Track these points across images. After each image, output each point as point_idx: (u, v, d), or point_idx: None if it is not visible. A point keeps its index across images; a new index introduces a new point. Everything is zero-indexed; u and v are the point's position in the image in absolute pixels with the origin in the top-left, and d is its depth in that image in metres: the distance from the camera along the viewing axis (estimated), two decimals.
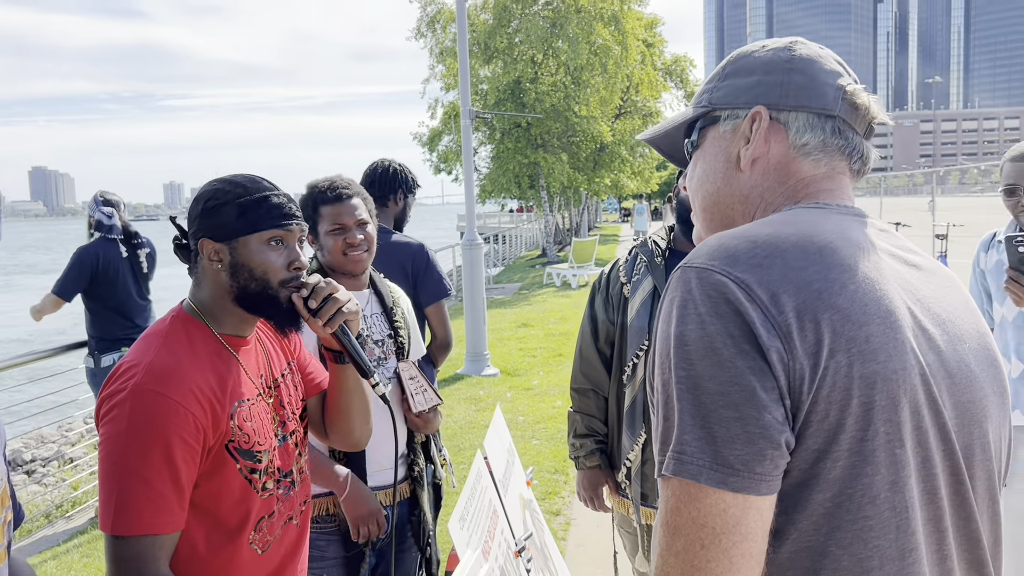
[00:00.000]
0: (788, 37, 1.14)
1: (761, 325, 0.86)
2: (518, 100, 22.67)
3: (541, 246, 30.13)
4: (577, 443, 2.65)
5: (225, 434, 1.52)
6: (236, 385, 1.57)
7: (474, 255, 9.13)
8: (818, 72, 1.07)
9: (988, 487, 1.00)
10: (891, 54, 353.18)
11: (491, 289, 18.25)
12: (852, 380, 0.86)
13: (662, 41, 29.01)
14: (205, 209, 1.58)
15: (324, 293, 1.61)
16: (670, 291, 0.94)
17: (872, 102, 1.07)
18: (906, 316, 0.92)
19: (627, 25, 22.20)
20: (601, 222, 55.44)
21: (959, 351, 0.98)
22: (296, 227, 1.61)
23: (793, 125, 1.06)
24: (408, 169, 3.46)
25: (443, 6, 22.42)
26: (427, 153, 25.38)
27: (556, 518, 4.68)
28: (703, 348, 0.86)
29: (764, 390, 0.84)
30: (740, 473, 0.84)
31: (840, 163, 1.08)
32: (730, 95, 1.11)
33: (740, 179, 1.10)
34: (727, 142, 1.11)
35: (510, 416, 6.82)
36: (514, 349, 10.19)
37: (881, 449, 0.87)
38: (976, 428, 0.97)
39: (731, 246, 0.92)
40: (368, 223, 2.42)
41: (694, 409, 0.86)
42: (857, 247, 0.95)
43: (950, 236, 14.45)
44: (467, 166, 9.83)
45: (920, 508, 0.91)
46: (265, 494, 1.61)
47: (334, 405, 1.82)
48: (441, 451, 2.73)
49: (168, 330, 1.56)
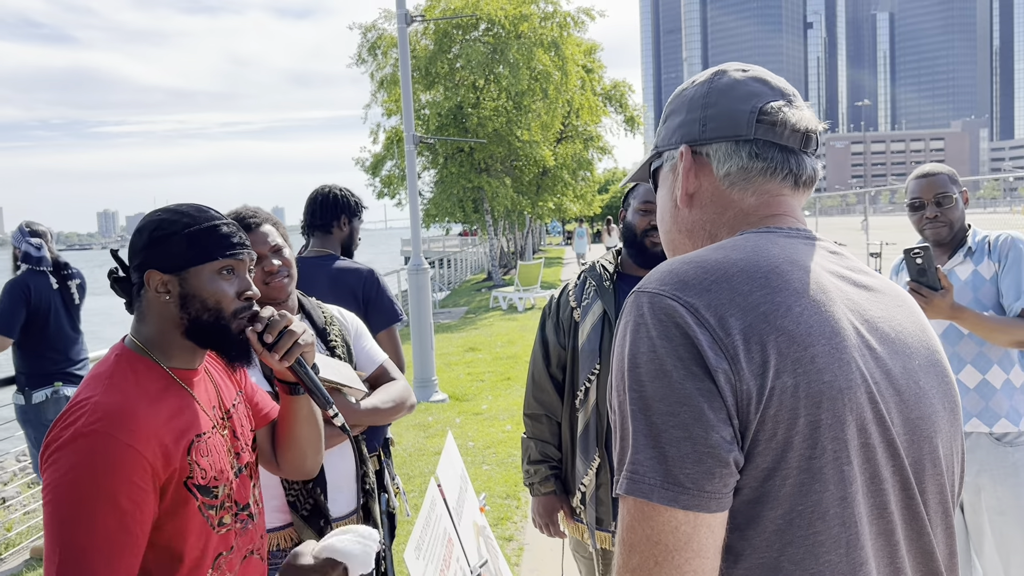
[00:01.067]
0: (718, 66, 1.16)
1: (709, 347, 0.88)
2: (461, 125, 22.75)
3: (487, 270, 30.15)
4: (531, 469, 2.63)
5: (182, 471, 1.46)
6: (191, 420, 1.51)
7: (420, 280, 9.09)
8: (731, 100, 1.09)
9: (941, 500, 1.02)
10: (821, 79, 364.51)
11: (437, 314, 18.17)
12: (798, 399, 0.88)
13: (601, 67, 29.44)
14: (152, 240, 1.53)
15: (279, 326, 1.58)
16: (624, 315, 0.96)
17: (793, 114, 1.08)
18: (852, 336, 0.95)
19: (567, 51, 22.49)
20: (545, 245, 55.77)
21: (908, 368, 1.00)
22: (246, 256, 1.58)
23: (715, 157, 1.09)
24: (351, 192, 3.40)
25: (384, 32, 22.43)
26: (370, 178, 25.26)
27: (509, 544, 4.64)
28: (654, 370, 0.89)
29: (712, 410, 0.87)
30: (690, 491, 0.86)
31: (771, 185, 1.09)
32: (667, 136, 1.16)
33: (683, 216, 1.14)
34: (671, 182, 1.16)
35: (460, 442, 6.77)
36: (462, 374, 10.14)
37: (829, 466, 0.89)
38: (926, 443, 0.99)
39: (681, 271, 0.95)
40: (282, 248, 2.36)
41: (646, 429, 0.88)
42: (803, 270, 0.97)
43: (883, 254, 14.90)
44: (411, 191, 9.80)
45: (870, 523, 0.93)
46: (222, 529, 1.55)
47: (286, 435, 1.78)
48: (394, 479, 2.69)
49: (113, 369, 1.50)
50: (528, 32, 21.37)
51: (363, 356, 2.53)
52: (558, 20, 22.56)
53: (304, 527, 2.25)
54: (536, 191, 25.53)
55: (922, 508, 0.98)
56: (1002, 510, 2.61)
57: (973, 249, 2.72)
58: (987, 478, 2.63)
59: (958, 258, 2.73)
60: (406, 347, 11.06)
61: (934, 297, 2.54)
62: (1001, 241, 2.67)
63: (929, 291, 2.55)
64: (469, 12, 20.96)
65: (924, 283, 2.58)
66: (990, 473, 2.63)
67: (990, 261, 2.68)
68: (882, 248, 14.92)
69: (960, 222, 2.75)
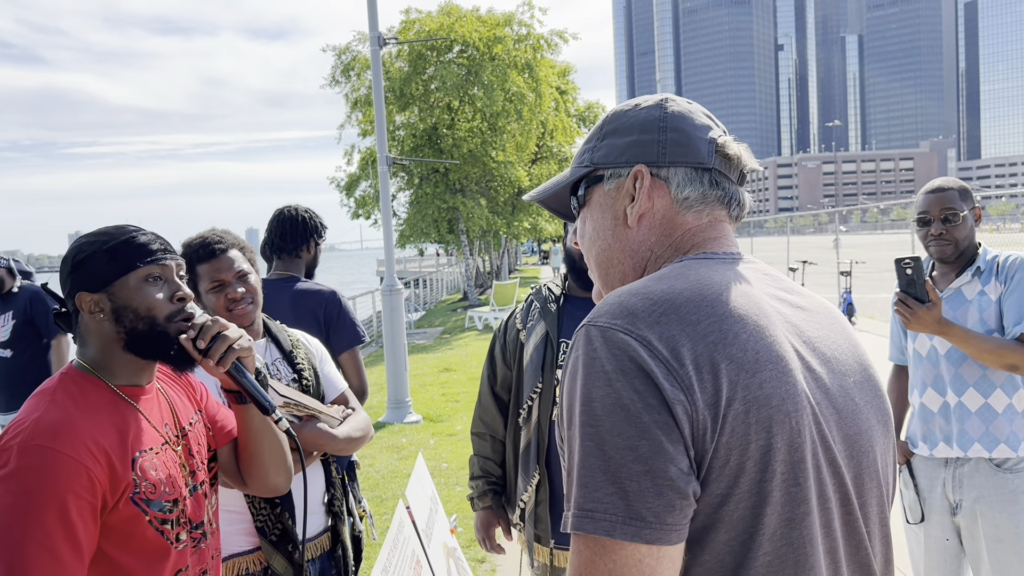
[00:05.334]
0: (659, 95, 1.20)
1: (665, 380, 0.89)
2: (435, 146, 22.81)
3: (462, 290, 30.14)
4: (472, 484, 2.72)
5: (128, 485, 1.45)
6: (136, 435, 1.51)
7: (394, 300, 9.07)
8: (691, 128, 1.12)
9: (879, 511, 1.05)
10: (793, 99, 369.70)
11: (413, 334, 18.13)
12: (749, 426, 0.89)
13: (575, 88, 29.69)
14: (75, 264, 1.55)
15: (212, 332, 1.57)
16: (574, 349, 0.96)
17: (742, 151, 1.13)
18: (795, 359, 0.97)
19: (540, 73, 22.65)
20: (521, 264, 55.85)
21: (844, 385, 1.03)
22: (171, 261, 1.59)
23: (674, 180, 1.11)
24: (314, 213, 3.40)
25: (358, 54, 22.48)
26: (345, 198, 25.24)
27: (482, 565, 4.63)
28: (610, 405, 0.89)
29: (671, 443, 0.87)
30: (653, 525, 0.86)
31: (720, 212, 1.13)
32: (611, 154, 1.15)
33: (629, 235, 1.14)
34: (613, 200, 1.15)
35: (433, 463, 6.75)
36: (437, 395, 10.11)
37: (778, 489, 0.91)
38: (864, 458, 1.02)
39: (630, 304, 0.95)
40: (248, 274, 2.35)
41: (603, 465, 0.88)
42: (745, 295, 0.99)
43: (853, 272, 15.10)
44: (385, 212, 9.80)
45: (820, 542, 0.95)
46: (180, 545, 1.55)
47: (244, 449, 1.78)
48: (360, 502, 2.69)
49: (56, 387, 1.51)
50: (502, 54, 21.51)
51: (326, 382, 2.55)
52: (531, 43, 22.74)
53: (273, 552, 2.24)
54: (511, 211, 25.60)
55: (862, 523, 1.01)
56: (1000, 538, 2.56)
57: (982, 269, 2.65)
58: (986, 505, 2.59)
59: (965, 277, 2.66)
60: (380, 368, 11.02)
61: (919, 309, 2.52)
62: (1010, 262, 2.60)
63: (915, 302, 2.53)
64: (443, 34, 21.09)
65: (912, 294, 2.55)
66: (989, 500, 2.58)
67: (997, 282, 2.61)
68: (852, 266, 15.12)
69: (968, 241, 2.67)
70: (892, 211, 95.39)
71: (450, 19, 21.82)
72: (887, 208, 65.39)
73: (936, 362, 2.71)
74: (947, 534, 2.73)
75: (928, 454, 2.74)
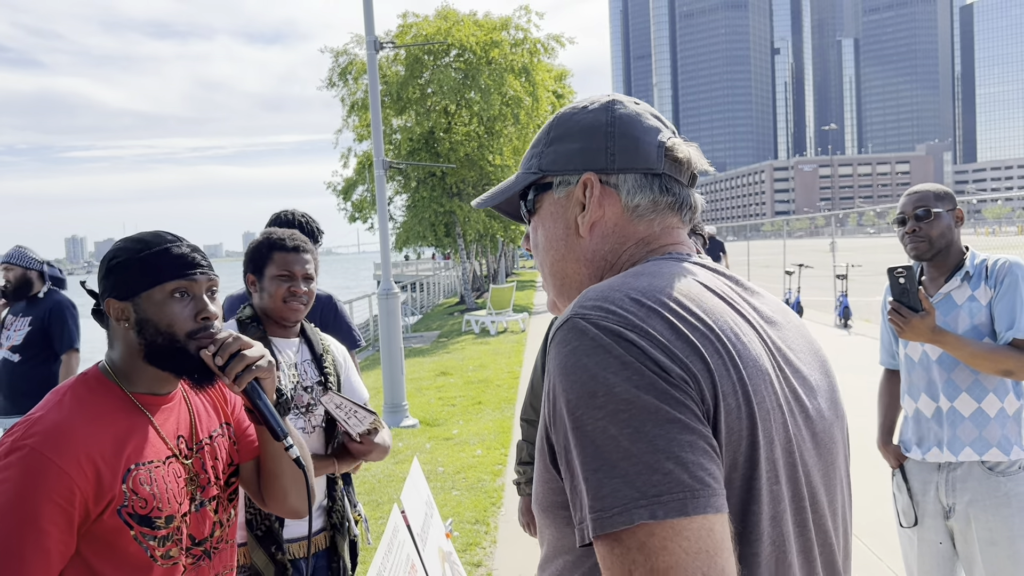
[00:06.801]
0: (606, 95, 1.15)
1: (670, 368, 0.86)
2: (432, 150, 22.81)
3: (459, 293, 30.14)
4: (520, 470, 2.78)
5: (115, 498, 1.43)
6: (137, 447, 1.49)
7: (390, 304, 9.07)
8: (639, 132, 1.09)
9: (843, 508, 1.07)
10: (789, 103, 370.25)
11: (409, 338, 18.12)
12: (741, 420, 0.89)
13: (572, 92, 29.73)
14: (109, 269, 1.55)
15: (231, 349, 1.53)
16: (565, 344, 0.91)
17: (692, 152, 1.11)
18: (767, 356, 0.97)
19: (537, 77, 22.67)
20: (518, 268, 55.84)
21: (807, 383, 1.04)
22: (202, 277, 1.55)
23: (623, 188, 1.08)
24: (311, 218, 3.44)
25: (355, 57, 22.48)
26: (342, 202, 25.23)
27: (478, 569, 4.63)
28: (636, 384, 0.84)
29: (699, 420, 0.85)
30: (718, 492, 0.82)
31: (672, 219, 1.11)
32: (558, 161, 1.12)
33: (581, 244, 1.11)
34: (563, 208, 1.12)
35: (430, 467, 6.75)
36: (433, 398, 10.10)
37: (763, 486, 0.90)
38: (828, 454, 1.03)
39: (615, 298, 0.92)
40: (313, 280, 2.52)
41: (650, 445, 0.82)
42: (717, 294, 1.00)
43: (849, 276, 15.13)
44: (381, 216, 9.81)
45: (795, 540, 0.95)
46: (166, 563, 1.51)
47: (264, 468, 1.74)
48: (356, 507, 2.69)
49: (70, 387, 1.51)
50: (499, 58, 21.54)
51: (350, 389, 2.63)
52: (528, 47, 22.77)
53: (256, 547, 2.28)
54: None
55: (829, 521, 1.01)
56: (993, 540, 2.57)
57: (971, 273, 2.65)
58: (979, 508, 2.60)
59: (955, 282, 2.67)
60: (376, 372, 11.01)
61: (913, 318, 2.53)
62: (999, 266, 2.61)
63: (909, 311, 2.54)
64: (440, 38, 21.10)
65: (905, 303, 2.56)
66: (982, 503, 2.60)
67: (987, 286, 2.61)
68: (848, 270, 15.16)
69: (946, 240, 2.69)
70: (888, 214, 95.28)
71: (447, 23, 21.83)
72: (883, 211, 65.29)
73: (928, 367, 2.72)
74: (940, 538, 2.74)
75: (921, 458, 2.75)
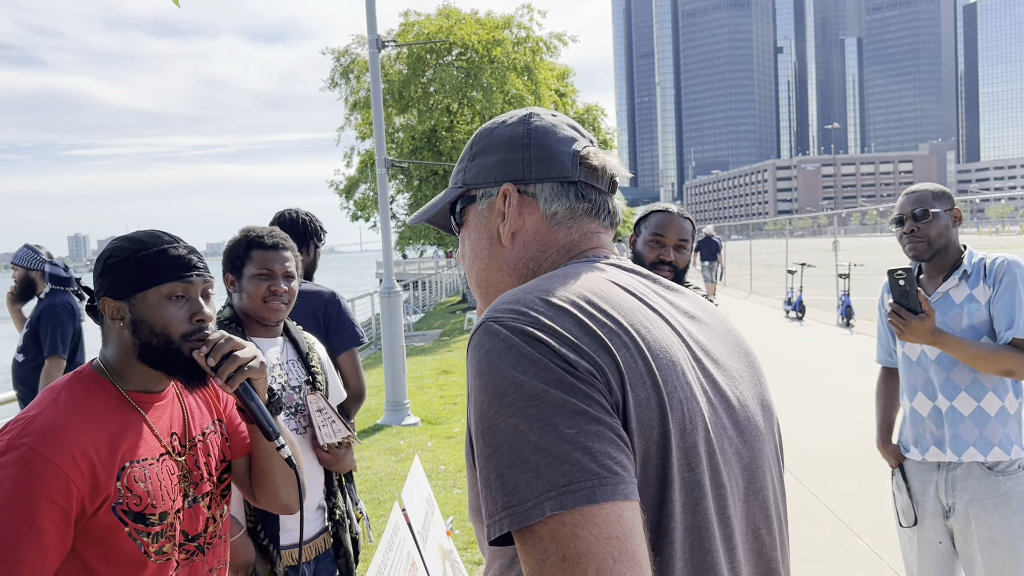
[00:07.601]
0: (525, 109, 1.20)
1: (578, 366, 0.89)
2: (434, 148, 22.85)
3: (461, 292, 30.16)
4: None
5: (110, 495, 1.45)
6: (131, 444, 1.51)
7: (392, 303, 9.09)
8: (554, 142, 1.14)
9: (774, 497, 1.08)
10: (792, 102, 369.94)
11: (411, 336, 18.14)
12: (652, 411, 0.91)
13: (574, 91, 29.72)
14: (105, 268, 1.56)
15: (224, 350, 1.55)
16: (478, 347, 0.94)
17: (608, 160, 1.16)
18: (682, 348, 1.00)
19: (540, 76, 22.69)
20: None
21: (729, 373, 1.06)
22: (197, 279, 1.57)
23: (541, 196, 1.13)
24: (314, 216, 3.47)
25: (357, 57, 22.51)
26: (344, 201, 25.26)
27: (478, 568, 4.64)
28: (545, 380, 0.87)
29: (606, 411, 0.88)
30: (626, 480, 0.85)
31: (591, 224, 1.15)
32: (481, 174, 1.17)
33: (504, 253, 1.16)
34: (487, 219, 1.17)
35: (431, 465, 6.77)
36: (435, 397, 10.12)
37: (676, 474, 0.92)
38: (755, 443, 1.05)
39: (527, 300, 0.96)
40: (294, 278, 2.47)
41: (559, 437, 0.85)
42: (632, 291, 1.03)
43: (852, 275, 15.12)
44: (383, 214, 9.82)
45: (716, 527, 0.96)
46: (160, 559, 1.52)
47: (255, 465, 1.77)
48: (357, 504, 2.71)
49: (64, 385, 1.52)
50: (501, 57, 21.56)
51: (331, 388, 2.63)
52: (530, 45, 22.79)
53: (246, 539, 2.29)
54: None
55: (757, 509, 1.04)
56: (993, 540, 2.58)
57: (969, 272, 2.65)
58: (979, 508, 2.61)
59: (952, 281, 2.67)
60: (378, 370, 11.03)
61: (913, 320, 2.53)
62: (997, 265, 2.60)
63: (909, 314, 2.54)
64: (442, 37, 21.13)
65: (905, 305, 2.56)
66: (982, 503, 2.60)
67: (985, 285, 2.61)
68: (850, 269, 15.14)
69: (944, 240, 2.68)
70: (891, 214, 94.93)
71: (449, 22, 21.86)
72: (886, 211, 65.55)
73: (926, 366, 2.73)
74: (940, 537, 2.74)
75: (920, 458, 2.75)
